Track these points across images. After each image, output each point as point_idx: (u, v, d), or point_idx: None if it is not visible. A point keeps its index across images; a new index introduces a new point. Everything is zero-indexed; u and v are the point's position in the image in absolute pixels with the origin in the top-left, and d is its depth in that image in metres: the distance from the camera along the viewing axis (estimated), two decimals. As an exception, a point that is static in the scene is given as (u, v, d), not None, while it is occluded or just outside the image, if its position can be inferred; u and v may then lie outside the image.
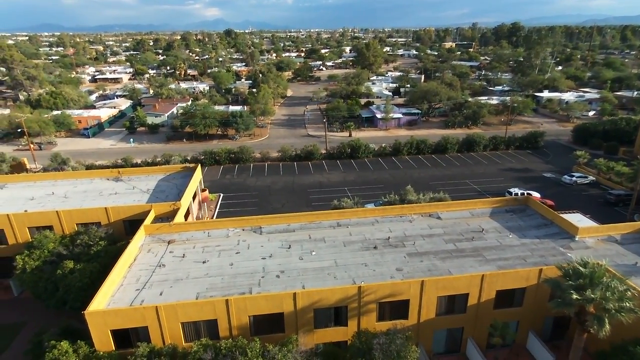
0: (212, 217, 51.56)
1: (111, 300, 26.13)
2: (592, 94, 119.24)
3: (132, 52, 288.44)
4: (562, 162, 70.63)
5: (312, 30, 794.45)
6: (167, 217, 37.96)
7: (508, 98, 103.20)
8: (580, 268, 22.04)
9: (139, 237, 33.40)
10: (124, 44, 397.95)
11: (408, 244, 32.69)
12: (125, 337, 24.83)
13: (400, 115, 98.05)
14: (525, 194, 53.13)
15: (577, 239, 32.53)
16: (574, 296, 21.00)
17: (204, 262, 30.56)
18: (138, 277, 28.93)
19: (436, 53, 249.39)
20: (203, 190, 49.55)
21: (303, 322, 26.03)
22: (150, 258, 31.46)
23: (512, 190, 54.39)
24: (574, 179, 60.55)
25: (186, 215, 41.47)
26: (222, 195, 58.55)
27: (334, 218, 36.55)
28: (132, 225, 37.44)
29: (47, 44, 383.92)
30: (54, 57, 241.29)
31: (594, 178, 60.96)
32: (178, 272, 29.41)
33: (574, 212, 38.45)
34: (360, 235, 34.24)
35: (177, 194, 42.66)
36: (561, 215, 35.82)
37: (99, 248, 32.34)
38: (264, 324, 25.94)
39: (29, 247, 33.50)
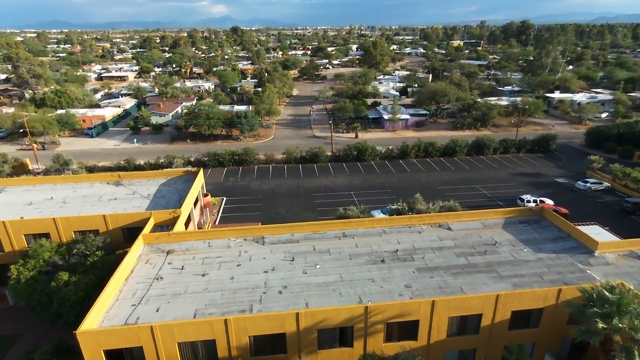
0: (215, 223, 50.37)
1: (105, 317, 24.89)
2: (604, 94, 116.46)
3: (138, 50, 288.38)
4: (575, 166, 68.54)
5: (318, 28, 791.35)
6: (167, 225, 36.73)
7: (518, 99, 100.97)
8: (607, 293, 20.41)
9: (137, 247, 32.18)
10: (130, 42, 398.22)
11: (417, 257, 31.16)
12: (119, 358, 23.60)
13: (407, 116, 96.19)
14: (538, 201, 51.49)
15: (596, 254, 30.80)
16: (600, 325, 19.41)
17: (203, 275, 29.25)
18: (135, 290, 27.69)
19: (444, 51, 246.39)
20: (205, 195, 48.29)
21: (306, 343, 24.65)
22: (148, 270, 30.22)
23: (524, 197, 52.54)
24: (588, 185, 58.51)
25: (187, 222, 40.24)
26: (225, 199, 57.32)
27: (340, 228, 35.09)
28: (131, 233, 36.29)
29: (55, 41, 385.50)
30: (61, 55, 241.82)
31: (609, 184, 58.88)
32: (176, 286, 28.14)
33: (591, 224, 36.66)
34: (367, 247, 32.77)
35: (178, 200, 41.43)
36: (578, 227, 34.08)
37: (95, 259, 31.15)
38: (265, 345, 24.61)
39: (23, 257, 32.45)
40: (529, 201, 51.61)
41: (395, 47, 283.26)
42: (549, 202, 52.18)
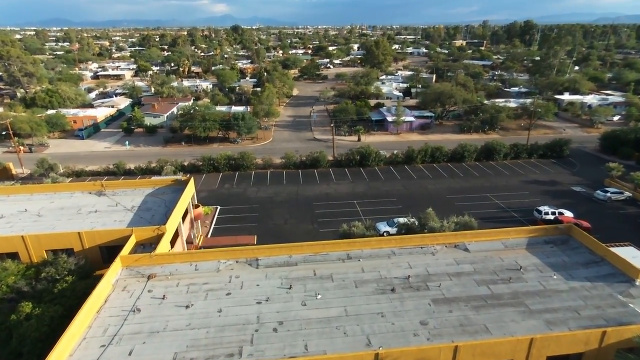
0: (207, 235, 46.50)
1: (68, 363, 21.08)
2: (615, 97, 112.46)
3: (137, 48, 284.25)
4: (591, 173, 64.61)
5: (319, 27, 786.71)
6: (150, 244, 32.85)
7: (528, 101, 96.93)
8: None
9: (114, 271, 28.32)
10: (130, 40, 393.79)
11: (432, 285, 27.29)
12: (81, 415, 19.79)
13: (412, 119, 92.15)
14: (557, 213, 47.65)
15: (637, 283, 26.91)
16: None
17: (187, 307, 25.38)
18: (106, 326, 23.85)
19: (447, 51, 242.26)
20: (196, 207, 44.36)
21: (305, 396, 20.82)
22: (124, 299, 26.36)
23: (541, 208, 48.62)
24: (608, 194, 54.56)
25: (175, 238, 36.42)
26: (219, 208, 53.43)
27: (343, 249, 31.22)
28: (109, 251, 32.49)
29: (54, 39, 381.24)
30: (58, 53, 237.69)
31: (630, 194, 54.96)
32: (155, 321, 24.29)
33: (625, 245, 32.86)
34: (375, 271, 28.91)
35: (165, 213, 37.53)
36: (612, 249, 30.22)
37: (64, 285, 27.30)
38: (256, 398, 20.80)
39: (-16, 282, 28.58)
40: (546, 213, 47.74)
41: (397, 46, 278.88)
42: (569, 214, 48.28)
